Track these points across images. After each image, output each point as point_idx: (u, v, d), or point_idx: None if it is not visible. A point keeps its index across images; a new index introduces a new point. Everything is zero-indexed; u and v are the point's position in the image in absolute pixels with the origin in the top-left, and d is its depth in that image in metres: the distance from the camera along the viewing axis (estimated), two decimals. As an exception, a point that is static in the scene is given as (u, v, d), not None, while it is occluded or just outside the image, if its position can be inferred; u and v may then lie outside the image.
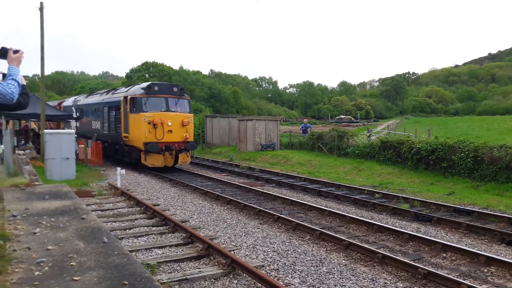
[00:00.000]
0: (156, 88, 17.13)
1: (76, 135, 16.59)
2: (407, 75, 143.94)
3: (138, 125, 16.53)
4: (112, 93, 20.59)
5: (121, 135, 17.84)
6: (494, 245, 7.72)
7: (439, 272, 5.88)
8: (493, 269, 6.30)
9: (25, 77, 3.42)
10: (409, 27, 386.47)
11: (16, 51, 3.21)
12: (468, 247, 7.28)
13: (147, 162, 16.67)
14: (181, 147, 17.24)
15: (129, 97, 17.14)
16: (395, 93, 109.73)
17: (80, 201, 5.79)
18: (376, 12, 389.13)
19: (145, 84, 17.69)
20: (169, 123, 16.79)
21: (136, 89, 17.61)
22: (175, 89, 17.69)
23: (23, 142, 22.19)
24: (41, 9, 18.07)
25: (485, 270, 6.28)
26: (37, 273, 3.14)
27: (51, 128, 21.88)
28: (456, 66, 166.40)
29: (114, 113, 19.08)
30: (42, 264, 3.34)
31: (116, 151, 19.49)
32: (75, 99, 28.08)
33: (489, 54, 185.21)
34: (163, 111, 16.92)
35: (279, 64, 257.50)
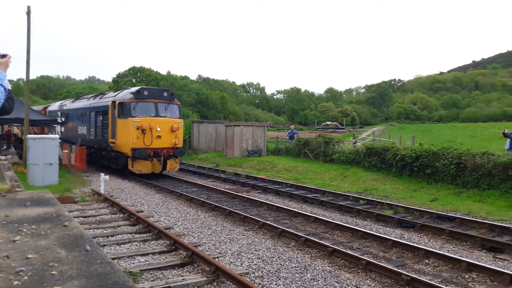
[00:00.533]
0: (145, 92, 16.81)
1: (60, 140, 16.36)
2: (392, 82, 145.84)
3: (126, 130, 16.22)
4: (100, 98, 20.21)
5: (108, 141, 17.51)
6: (475, 251, 7.85)
7: (422, 278, 5.95)
8: (474, 275, 6.40)
9: (9, 81, 3.38)
10: (395, 35, 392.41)
11: (3, 56, 3.16)
12: (450, 253, 7.38)
13: (134, 168, 16.36)
14: (170, 153, 16.96)
15: (117, 101, 16.82)
16: (381, 99, 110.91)
17: (62, 208, 5.70)
18: (362, 20, 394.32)
19: (134, 89, 17.40)
20: (158, 129, 16.47)
21: (125, 94, 17.28)
22: (165, 94, 17.38)
23: (5, 147, 21.77)
24: (28, 13, 17.88)
25: (467, 276, 6.37)
26: (15, 282, 3.09)
27: (35, 133, 21.55)
28: (441, 73, 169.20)
29: (101, 118, 18.69)
30: (21, 273, 3.28)
31: (103, 157, 19.10)
32: (61, 103, 27.60)
33: (473, 61, 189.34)
34: (153, 116, 16.60)
35: (266, 70, 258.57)
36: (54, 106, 29.01)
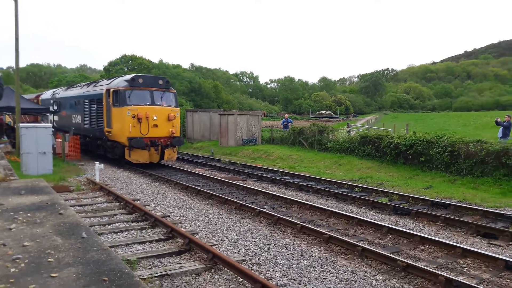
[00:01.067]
0: (140, 80, 16.36)
1: (53, 129, 16.17)
2: (386, 72, 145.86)
3: (122, 119, 15.85)
4: (94, 86, 19.74)
5: (104, 130, 17.13)
6: (470, 237, 7.92)
7: (418, 264, 6.00)
8: (469, 261, 6.46)
9: None
10: (388, 24, 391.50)
11: None
12: (445, 240, 7.44)
13: (132, 158, 16.00)
14: (167, 143, 16.63)
15: (111, 89, 16.41)
16: (374, 89, 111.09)
17: (57, 196, 5.63)
18: (355, 9, 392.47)
19: (128, 76, 16.91)
20: (155, 118, 16.11)
21: (119, 82, 16.83)
22: (160, 82, 16.96)
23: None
24: (15, -1, 17.50)
25: (461, 262, 6.43)
26: (12, 270, 3.05)
27: (28, 122, 21.28)
28: (434, 63, 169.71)
29: (96, 107, 18.25)
30: (18, 261, 3.24)
31: (98, 147, 18.74)
32: (54, 92, 26.97)
33: (465, 51, 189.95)
34: (148, 104, 16.23)
35: (260, 59, 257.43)
36: (47, 94, 28.46)
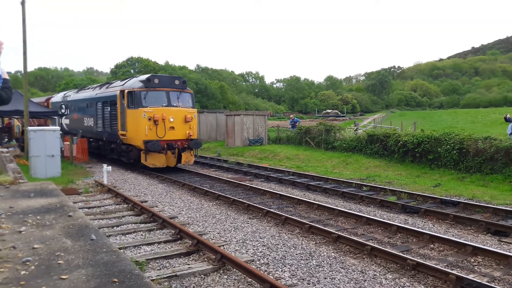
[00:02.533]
0: (156, 80, 15.59)
1: (61, 132, 16.26)
2: (392, 69, 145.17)
3: (137, 121, 15.14)
4: (107, 87, 19.00)
5: (118, 133, 16.40)
6: (480, 235, 7.84)
7: (428, 263, 5.95)
8: (480, 259, 6.40)
9: (7, 73, 3.31)
10: (394, 21, 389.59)
11: None
12: (455, 238, 7.38)
13: (148, 162, 15.27)
14: (184, 145, 15.81)
15: (126, 91, 15.69)
16: (381, 87, 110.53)
17: (66, 199, 5.68)
18: (361, 7, 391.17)
19: (144, 77, 16.17)
20: (171, 119, 15.33)
21: (134, 82, 16.07)
22: (176, 82, 16.13)
23: (6, 139, 21.76)
24: (22, 3, 17.70)
25: (472, 260, 6.37)
26: (23, 272, 3.07)
27: (37, 125, 21.45)
28: (440, 60, 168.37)
29: (109, 109, 17.55)
30: (28, 263, 3.27)
31: (112, 150, 18.02)
32: (65, 94, 26.42)
33: (472, 48, 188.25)
34: (165, 106, 15.46)
35: (265, 59, 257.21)
36: (57, 97, 27.87)
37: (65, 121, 24.01)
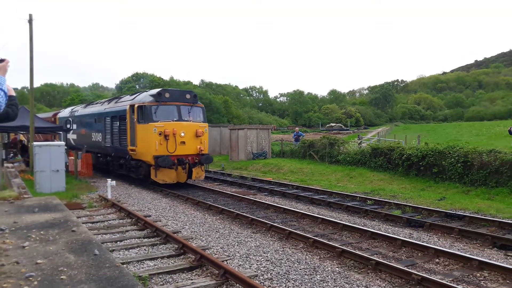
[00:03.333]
0: (167, 95, 15.32)
1: (66, 147, 16.34)
2: (395, 83, 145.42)
3: (148, 136, 14.80)
4: (116, 102, 18.75)
5: (127, 148, 16.04)
6: (486, 249, 7.76)
7: (433, 277, 5.88)
8: (486, 273, 6.32)
9: (14, 89, 3.37)
10: (397, 35, 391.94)
11: (1, 60, 3.15)
12: (461, 252, 7.31)
13: (158, 178, 14.89)
14: (195, 161, 15.45)
15: (136, 105, 15.37)
16: (384, 100, 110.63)
17: (70, 214, 5.70)
18: (365, 21, 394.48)
19: (154, 91, 15.93)
20: (182, 134, 15.02)
21: (144, 97, 15.81)
22: (187, 96, 15.88)
23: (11, 155, 21.91)
24: (30, 21, 18.04)
25: (478, 275, 6.29)
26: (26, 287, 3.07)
27: (45, 140, 21.53)
28: (444, 73, 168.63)
29: (118, 124, 17.25)
30: (31, 278, 3.27)
31: (121, 166, 17.63)
32: (72, 109, 26.06)
33: (475, 61, 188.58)
34: (175, 120, 15.16)
35: (269, 74, 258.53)
36: (65, 112, 27.61)
37: (72, 136, 23.78)
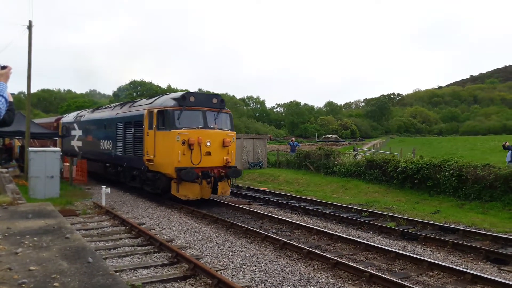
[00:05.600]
0: (192, 99, 13.42)
1: (61, 153, 16.23)
2: (391, 96, 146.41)
3: (169, 145, 12.92)
4: (130, 106, 16.77)
5: (143, 158, 14.11)
6: (479, 263, 7.78)
7: (426, 290, 5.88)
8: (479, 287, 6.33)
9: (11, 94, 3.38)
10: (394, 49, 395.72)
11: (4, 67, 3.18)
12: (454, 265, 7.32)
13: (180, 193, 12.88)
14: (221, 174, 13.49)
15: (156, 110, 13.53)
16: (380, 113, 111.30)
17: (64, 220, 5.67)
18: (361, 34, 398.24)
19: (177, 94, 14.14)
20: (208, 143, 13.17)
21: (166, 100, 13.83)
22: (214, 101, 14.00)
23: (3, 160, 21.77)
24: (29, 27, 18.08)
25: (472, 289, 6.30)
26: (18, 294, 3.06)
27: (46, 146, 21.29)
28: (440, 87, 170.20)
29: (132, 131, 15.30)
30: (23, 285, 3.25)
31: (133, 178, 15.60)
32: (77, 114, 24.14)
33: (471, 76, 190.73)
34: (201, 127, 13.30)
35: (266, 84, 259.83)
36: (69, 117, 25.51)
37: (76, 143, 22.17)
